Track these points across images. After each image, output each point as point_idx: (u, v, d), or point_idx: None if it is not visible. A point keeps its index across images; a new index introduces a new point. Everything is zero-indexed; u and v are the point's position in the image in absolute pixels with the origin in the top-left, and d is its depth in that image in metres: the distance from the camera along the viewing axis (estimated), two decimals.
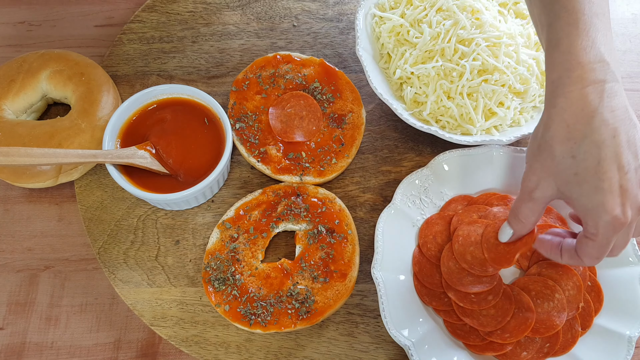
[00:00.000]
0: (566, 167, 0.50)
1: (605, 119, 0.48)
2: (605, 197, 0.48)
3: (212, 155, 0.69)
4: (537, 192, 0.53)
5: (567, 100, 0.50)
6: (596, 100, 0.49)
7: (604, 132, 0.48)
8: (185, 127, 0.70)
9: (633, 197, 0.49)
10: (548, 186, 0.52)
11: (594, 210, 0.49)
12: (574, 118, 0.50)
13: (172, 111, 0.71)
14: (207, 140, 0.70)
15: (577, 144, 0.49)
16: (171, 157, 0.69)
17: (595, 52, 0.50)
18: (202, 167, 0.68)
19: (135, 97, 0.70)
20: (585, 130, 0.49)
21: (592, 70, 0.50)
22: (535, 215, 0.54)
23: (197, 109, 0.71)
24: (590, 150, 0.49)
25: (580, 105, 0.49)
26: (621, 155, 0.48)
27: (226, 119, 0.69)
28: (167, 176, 0.68)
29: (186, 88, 0.71)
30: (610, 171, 0.48)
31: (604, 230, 0.50)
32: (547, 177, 0.52)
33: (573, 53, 0.51)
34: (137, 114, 0.71)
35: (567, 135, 0.50)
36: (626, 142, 0.49)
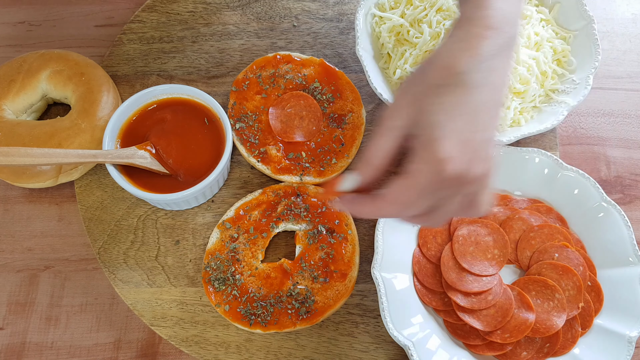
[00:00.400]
0: (427, 93, 0.44)
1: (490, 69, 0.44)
2: (446, 134, 0.42)
3: (212, 155, 0.69)
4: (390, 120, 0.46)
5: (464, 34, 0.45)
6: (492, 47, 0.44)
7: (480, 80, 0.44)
8: (185, 127, 0.70)
9: (469, 156, 0.43)
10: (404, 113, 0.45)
11: (426, 143, 0.43)
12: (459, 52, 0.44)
13: (172, 111, 0.71)
14: (207, 140, 0.70)
15: (449, 77, 0.44)
16: (171, 157, 0.69)
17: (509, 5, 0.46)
18: (202, 167, 0.68)
19: (135, 97, 0.70)
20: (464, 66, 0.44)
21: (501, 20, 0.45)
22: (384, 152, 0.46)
23: (197, 109, 0.71)
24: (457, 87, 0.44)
25: (474, 44, 0.44)
26: (482, 114, 0.43)
27: (226, 119, 0.69)
28: (167, 176, 0.68)
29: (186, 88, 0.71)
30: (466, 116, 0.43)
31: (420, 168, 0.43)
32: (407, 103, 0.46)
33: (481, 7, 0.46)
34: (137, 114, 0.71)
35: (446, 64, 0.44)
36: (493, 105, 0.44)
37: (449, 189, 0.44)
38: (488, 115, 0.44)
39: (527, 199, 0.70)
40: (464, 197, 0.46)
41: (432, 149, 0.43)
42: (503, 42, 0.45)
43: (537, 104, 0.72)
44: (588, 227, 0.67)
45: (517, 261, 0.66)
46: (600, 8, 0.88)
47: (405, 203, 0.45)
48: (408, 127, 0.45)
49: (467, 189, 0.45)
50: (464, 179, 0.44)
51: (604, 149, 0.78)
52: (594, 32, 0.73)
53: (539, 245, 0.65)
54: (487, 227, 0.66)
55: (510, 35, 0.45)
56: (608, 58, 0.84)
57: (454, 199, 0.45)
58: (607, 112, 0.80)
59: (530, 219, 0.67)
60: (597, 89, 0.81)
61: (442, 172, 0.42)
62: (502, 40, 0.45)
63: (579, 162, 0.77)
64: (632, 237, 0.65)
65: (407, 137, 0.46)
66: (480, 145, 0.44)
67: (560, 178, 0.68)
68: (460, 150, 0.43)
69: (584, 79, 0.71)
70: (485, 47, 0.44)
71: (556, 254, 0.64)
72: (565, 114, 0.69)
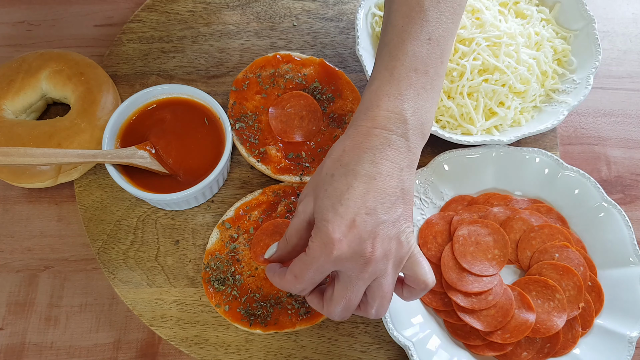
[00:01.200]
0: (324, 183, 0.49)
1: (374, 160, 0.48)
2: (334, 218, 0.47)
3: (212, 155, 0.69)
4: (300, 206, 0.51)
5: (355, 131, 0.50)
6: (376, 142, 0.49)
7: (367, 169, 0.48)
8: (185, 127, 0.70)
9: (357, 237, 0.47)
10: (309, 200, 0.50)
11: (318, 224, 0.48)
12: (350, 146, 0.50)
13: (172, 111, 0.71)
14: (207, 140, 0.70)
15: (340, 167, 0.49)
16: (171, 157, 0.69)
17: (397, 104, 0.50)
18: (201, 167, 0.68)
19: (135, 97, 0.70)
20: (352, 159, 0.49)
21: (385, 118, 0.50)
22: (297, 233, 0.52)
23: (197, 109, 0.71)
24: (346, 175, 0.48)
25: (360, 140, 0.49)
26: (369, 198, 0.47)
27: (226, 119, 0.69)
28: (167, 176, 0.68)
29: (186, 88, 0.71)
30: (353, 201, 0.47)
31: (314, 247, 0.47)
32: (310, 191, 0.51)
33: (377, 95, 0.51)
34: (137, 114, 0.71)
35: (339, 157, 0.50)
36: (381, 190, 0.48)
37: (349, 269, 0.48)
38: (377, 200, 0.48)
39: (527, 199, 0.70)
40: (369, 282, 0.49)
41: (322, 231, 0.47)
42: (387, 137, 0.49)
43: (538, 103, 0.72)
44: (588, 227, 0.67)
45: (517, 261, 0.66)
46: (600, 8, 0.88)
47: (304, 278, 0.49)
48: (311, 213, 0.50)
49: (366, 272, 0.48)
50: (359, 260, 0.47)
51: (605, 148, 0.78)
52: (594, 32, 0.73)
53: (540, 246, 0.65)
54: (488, 227, 0.66)
55: (398, 132, 0.50)
56: (608, 58, 0.84)
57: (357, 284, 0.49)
58: (608, 112, 0.80)
59: (530, 219, 0.67)
60: (597, 89, 0.81)
61: (330, 252, 0.47)
62: (386, 136, 0.49)
63: (579, 162, 0.76)
64: (633, 237, 0.65)
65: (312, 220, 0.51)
66: (369, 227, 0.47)
67: (560, 178, 0.68)
68: (347, 233, 0.46)
69: (584, 78, 0.71)
70: (369, 143, 0.49)
71: (557, 254, 0.64)
72: (565, 114, 0.69)
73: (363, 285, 0.49)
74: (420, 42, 0.52)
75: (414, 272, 0.50)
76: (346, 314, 0.51)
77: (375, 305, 0.50)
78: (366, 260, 0.47)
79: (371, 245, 0.47)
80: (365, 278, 0.48)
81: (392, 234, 0.48)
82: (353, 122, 0.52)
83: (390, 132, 0.50)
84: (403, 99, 0.51)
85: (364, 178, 0.48)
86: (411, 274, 0.51)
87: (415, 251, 0.50)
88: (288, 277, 0.51)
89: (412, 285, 0.51)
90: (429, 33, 0.52)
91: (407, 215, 0.50)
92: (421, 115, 0.51)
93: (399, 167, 0.49)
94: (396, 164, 0.49)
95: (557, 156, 0.70)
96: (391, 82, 0.52)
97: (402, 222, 0.49)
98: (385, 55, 0.53)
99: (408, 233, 0.49)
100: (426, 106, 0.52)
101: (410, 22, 0.53)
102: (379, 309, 0.51)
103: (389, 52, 0.53)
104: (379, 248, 0.47)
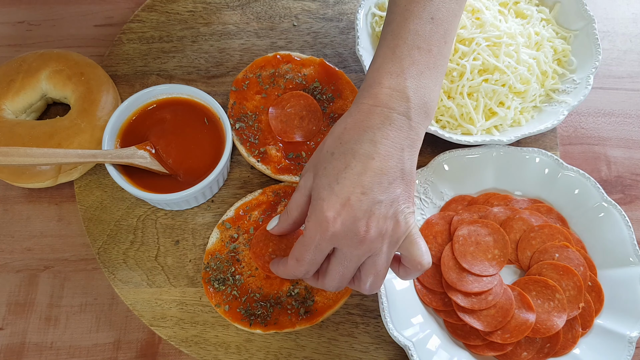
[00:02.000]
0: (324, 160, 0.50)
1: (374, 140, 0.48)
2: (330, 196, 0.47)
3: (212, 155, 0.69)
4: (302, 180, 0.52)
5: (356, 109, 0.51)
6: (376, 121, 0.49)
7: (366, 148, 0.48)
8: (185, 127, 0.70)
9: (352, 216, 0.47)
10: (310, 176, 0.51)
11: (314, 202, 0.49)
12: (351, 124, 0.50)
13: (172, 111, 0.71)
14: (207, 140, 0.70)
15: (340, 145, 0.49)
16: (171, 157, 0.69)
17: (399, 82, 0.50)
18: (201, 167, 0.68)
19: (135, 97, 0.70)
20: (352, 137, 0.49)
21: (387, 95, 0.50)
22: (298, 207, 0.52)
23: (197, 108, 0.71)
24: (345, 154, 0.48)
25: (362, 118, 0.50)
26: (365, 177, 0.47)
27: (226, 119, 0.69)
28: (167, 176, 0.68)
29: (186, 88, 0.71)
30: (349, 180, 0.47)
31: (310, 226, 0.48)
32: (311, 167, 0.52)
33: (379, 72, 0.51)
34: (137, 114, 0.71)
35: (339, 135, 0.50)
36: (379, 171, 0.48)
37: (344, 246, 0.48)
38: (374, 180, 0.48)
39: (527, 199, 0.70)
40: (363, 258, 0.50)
41: (317, 209, 0.48)
42: (388, 116, 0.49)
43: (538, 103, 0.72)
44: (588, 227, 0.67)
45: (517, 261, 0.66)
46: (600, 8, 0.88)
47: (305, 260, 0.50)
48: (311, 188, 0.50)
49: (360, 250, 0.48)
50: (353, 238, 0.48)
51: (605, 148, 0.78)
52: (594, 32, 0.73)
53: (540, 246, 0.65)
54: (488, 227, 0.66)
55: (400, 110, 0.50)
56: (608, 58, 0.84)
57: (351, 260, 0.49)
58: (608, 112, 0.80)
59: (530, 219, 0.67)
60: (597, 89, 0.81)
61: (325, 231, 0.47)
62: (387, 114, 0.49)
63: (579, 162, 0.76)
64: (633, 237, 0.65)
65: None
66: (364, 207, 0.47)
67: (560, 178, 0.68)
68: (341, 211, 0.47)
69: (584, 78, 0.71)
70: (370, 121, 0.49)
71: (556, 254, 0.64)
72: (565, 114, 0.69)
73: (357, 262, 0.49)
74: (423, 21, 0.52)
75: (410, 252, 0.50)
76: (340, 286, 0.52)
77: (368, 281, 0.51)
78: (360, 239, 0.47)
79: (365, 224, 0.47)
80: (359, 255, 0.49)
81: (389, 213, 0.48)
82: (356, 100, 0.52)
83: (392, 110, 0.49)
84: (405, 76, 0.50)
85: (362, 157, 0.48)
86: (407, 254, 0.51)
87: (413, 232, 0.50)
88: (290, 263, 0.51)
89: (408, 265, 0.51)
90: (432, 12, 0.52)
91: (407, 195, 0.50)
92: (424, 94, 0.51)
93: (400, 147, 0.49)
94: (397, 143, 0.49)
95: (557, 156, 0.70)
96: (393, 60, 0.51)
97: (400, 202, 0.49)
98: (388, 34, 0.53)
99: (407, 213, 0.49)
100: (430, 85, 0.52)
101: (413, 2, 0.53)
102: (372, 285, 0.51)
103: (391, 30, 0.53)
104: (373, 227, 0.47)
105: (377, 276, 0.50)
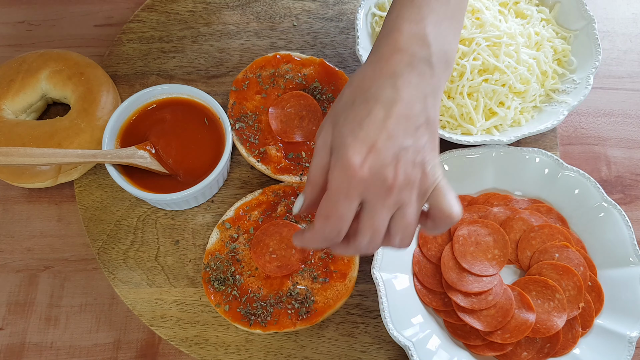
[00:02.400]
0: (343, 110, 0.48)
1: (396, 85, 0.46)
2: (354, 142, 0.45)
3: (212, 155, 0.69)
4: (319, 140, 0.49)
5: (375, 57, 0.49)
6: (398, 67, 0.47)
7: (388, 94, 0.46)
8: (185, 127, 0.70)
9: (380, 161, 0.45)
10: (328, 130, 0.48)
11: (338, 151, 0.46)
12: (371, 73, 0.48)
13: (172, 111, 0.71)
14: (207, 140, 0.70)
15: (361, 93, 0.47)
16: (171, 157, 0.69)
17: (419, 28, 0.49)
18: (201, 167, 0.68)
19: (135, 97, 0.70)
20: (373, 84, 0.47)
21: (407, 41, 0.48)
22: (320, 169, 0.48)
23: (196, 109, 0.71)
24: (367, 101, 0.46)
25: (382, 65, 0.48)
26: (390, 122, 0.45)
27: (226, 119, 0.69)
28: (167, 176, 0.68)
29: (186, 88, 0.71)
30: (373, 124, 0.45)
31: (335, 177, 0.45)
32: (329, 122, 0.49)
33: (398, 20, 0.50)
34: (137, 114, 0.71)
35: (359, 84, 0.48)
36: (403, 117, 0.46)
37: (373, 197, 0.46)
38: (399, 125, 0.46)
39: (527, 199, 0.70)
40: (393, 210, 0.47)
41: (342, 156, 0.45)
42: (410, 61, 0.47)
43: (538, 103, 0.72)
44: (588, 227, 0.67)
45: (517, 261, 0.66)
46: (600, 8, 0.88)
47: (334, 216, 0.46)
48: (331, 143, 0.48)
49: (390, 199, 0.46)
50: (381, 186, 0.45)
51: (605, 148, 0.78)
52: (594, 32, 0.73)
53: (540, 246, 0.65)
54: (488, 227, 0.66)
55: (420, 55, 0.48)
56: (608, 58, 0.84)
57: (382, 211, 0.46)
58: (608, 112, 0.80)
59: (530, 219, 0.67)
60: (597, 89, 0.81)
61: (352, 179, 0.44)
62: (409, 60, 0.47)
63: (579, 162, 0.76)
64: (633, 237, 0.65)
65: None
66: (390, 152, 0.45)
67: (560, 178, 0.68)
68: (367, 157, 0.45)
69: (584, 78, 0.71)
70: (390, 67, 0.47)
71: (556, 254, 0.64)
72: (565, 114, 0.69)
73: (387, 213, 0.47)
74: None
75: (439, 203, 0.48)
76: (373, 245, 0.48)
77: (398, 236, 0.48)
78: (389, 187, 0.45)
79: (394, 170, 0.45)
80: (390, 205, 0.46)
81: (417, 161, 0.46)
82: (374, 48, 0.50)
83: (413, 56, 0.48)
84: (425, 23, 0.49)
85: (385, 103, 0.46)
86: (436, 206, 0.48)
87: (441, 183, 0.48)
88: (317, 225, 0.47)
89: (438, 217, 0.48)
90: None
91: (433, 145, 0.48)
92: (444, 42, 0.49)
93: (423, 94, 0.47)
94: (420, 90, 0.47)
95: (557, 156, 0.70)
96: (412, 8, 0.50)
97: (426, 152, 0.47)
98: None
99: (434, 164, 0.47)
100: (449, 35, 0.50)
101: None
102: (403, 239, 0.48)
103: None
104: (401, 174, 0.45)
105: (407, 229, 0.48)
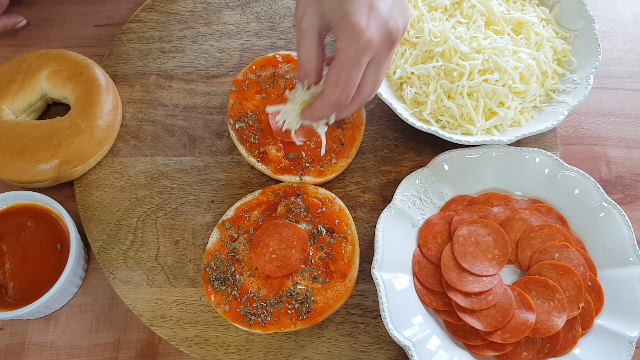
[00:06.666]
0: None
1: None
2: (355, 6, 0.48)
3: (47, 282, 0.63)
4: (303, 23, 0.51)
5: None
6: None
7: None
8: (39, 242, 0.65)
9: (382, 17, 0.48)
10: (311, 12, 0.50)
11: (340, 21, 0.48)
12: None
13: (35, 219, 0.66)
14: (50, 265, 0.64)
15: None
16: (12, 264, 0.63)
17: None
18: (34, 288, 0.63)
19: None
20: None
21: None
22: (312, 51, 0.52)
23: (58, 230, 0.66)
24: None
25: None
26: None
27: (76, 241, 0.64)
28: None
29: (24, 194, 0.66)
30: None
31: (345, 44, 0.48)
32: (308, 4, 0.51)
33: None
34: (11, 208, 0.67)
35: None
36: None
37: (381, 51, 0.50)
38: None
39: (527, 199, 0.70)
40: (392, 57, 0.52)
41: (347, 24, 0.48)
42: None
43: (538, 103, 0.72)
44: (588, 227, 0.67)
45: (517, 261, 0.66)
46: (600, 8, 0.88)
47: (345, 81, 0.50)
48: (320, 22, 0.50)
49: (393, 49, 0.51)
50: (387, 40, 0.49)
51: (605, 148, 0.78)
52: (594, 32, 0.73)
53: (540, 246, 0.65)
54: (488, 227, 0.66)
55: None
56: (608, 58, 0.84)
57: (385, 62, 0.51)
58: (608, 112, 0.80)
59: (530, 219, 0.67)
60: (597, 89, 0.81)
61: (362, 40, 0.47)
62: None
63: (579, 162, 0.76)
64: (633, 237, 0.65)
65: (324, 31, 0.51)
66: (386, 7, 0.49)
67: (560, 178, 0.68)
68: (370, 17, 0.48)
69: (584, 78, 0.71)
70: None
71: (556, 254, 0.64)
72: (565, 114, 0.69)
73: (389, 61, 0.51)
74: None
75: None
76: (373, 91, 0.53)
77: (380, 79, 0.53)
78: (394, 38, 0.49)
79: (394, 22, 0.49)
80: (391, 54, 0.51)
81: (403, 10, 0.51)
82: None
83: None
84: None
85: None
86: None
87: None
88: (328, 92, 0.51)
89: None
90: None
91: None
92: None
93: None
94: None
95: (557, 156, 0.70)
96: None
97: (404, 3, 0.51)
98: None
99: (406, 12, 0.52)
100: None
101: None
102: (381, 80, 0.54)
103: None
104: (401, 24, 0.49)
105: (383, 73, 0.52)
